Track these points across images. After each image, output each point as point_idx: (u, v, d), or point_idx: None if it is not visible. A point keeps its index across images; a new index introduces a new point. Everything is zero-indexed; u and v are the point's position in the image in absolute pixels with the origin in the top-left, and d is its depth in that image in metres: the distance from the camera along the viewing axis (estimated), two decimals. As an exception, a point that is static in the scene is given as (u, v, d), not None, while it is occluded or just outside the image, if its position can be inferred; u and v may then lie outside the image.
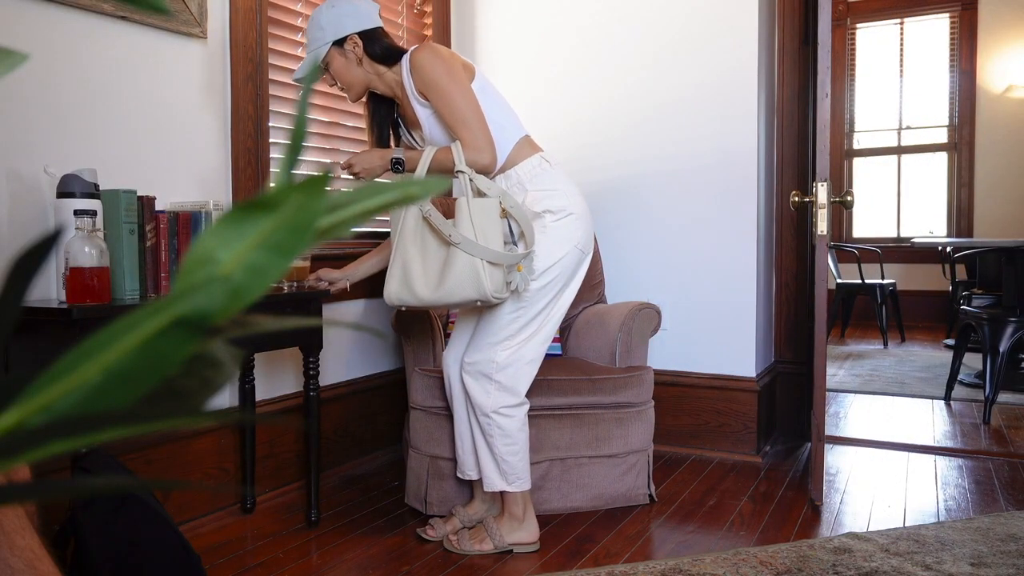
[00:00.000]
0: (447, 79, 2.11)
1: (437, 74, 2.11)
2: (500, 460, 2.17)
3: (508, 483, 2.18)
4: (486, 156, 2.10)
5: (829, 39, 2.48)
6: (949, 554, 2.08)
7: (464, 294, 2.00)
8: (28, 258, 0.32)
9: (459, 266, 1.99)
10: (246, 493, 2.50)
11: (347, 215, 0.35)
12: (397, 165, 2.20)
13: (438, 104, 2.13)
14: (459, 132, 2.10)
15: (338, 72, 2.21)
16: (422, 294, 2.03)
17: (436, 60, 2.13)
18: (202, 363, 0.34)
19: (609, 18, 3.28)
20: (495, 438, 2.17)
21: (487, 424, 2.17)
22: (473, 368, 2.16)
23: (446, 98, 2.11)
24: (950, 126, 7.11)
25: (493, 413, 2.16)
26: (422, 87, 2.15)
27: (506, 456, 2.17)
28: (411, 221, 2.05)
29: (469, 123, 2.10)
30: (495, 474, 2.18)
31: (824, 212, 2.46)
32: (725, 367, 3.11)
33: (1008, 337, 3.56)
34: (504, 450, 2.17)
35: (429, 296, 2.02)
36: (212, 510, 2.40)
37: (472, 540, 2.17)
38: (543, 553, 2.16)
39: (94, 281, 1.78)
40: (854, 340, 6.39)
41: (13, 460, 0.29)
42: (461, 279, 1.98)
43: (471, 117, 2.10)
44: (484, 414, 2.16)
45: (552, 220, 2.17)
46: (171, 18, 2.26)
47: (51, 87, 1.98)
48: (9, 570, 1.11)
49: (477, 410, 2.17)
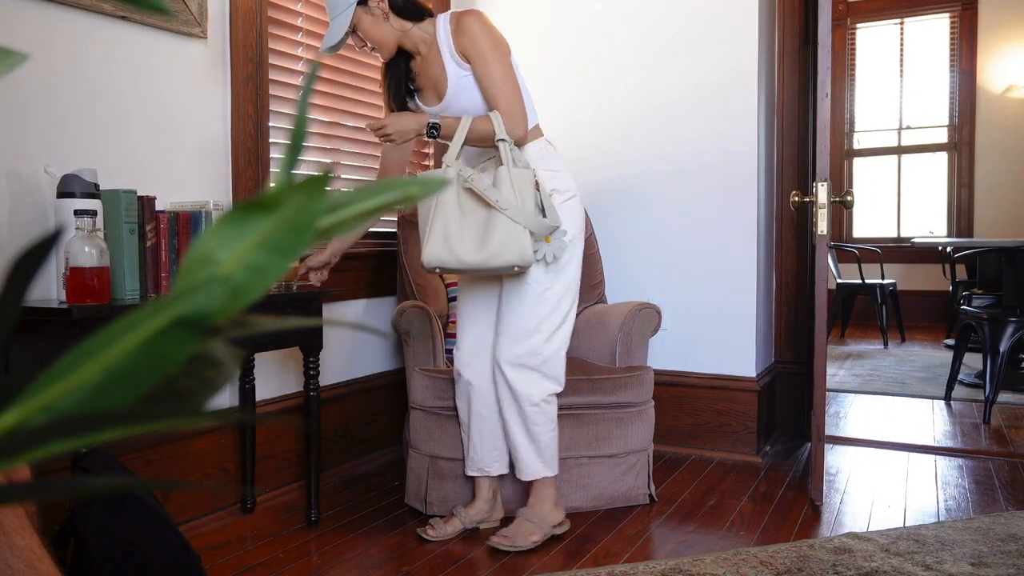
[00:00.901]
0: (497, 48, 2.15)
1: (490, 40, 2.15)
2: (543, 447, 2.24)
3: (549, 468, 2.25)
4: (520, 129, 2.13)
5: (829, 39, 2.48)
6: (949, 554, 2.08)
7: (507, 258, 2.01)
8: (28, 258, 0.32)
9: (501, 231, 2.01)
10: (246, 493, 2.50)
11: (347, 215, 0.35)
12: (432, 130, 2.15)
13: (483, 70, 2.14)
14: (499, 101, 2.12)
15: (367, 32, 2.17)
16: (466, 258, 2.03)
17: (488, 27, 2.17)
18: (202, 363, 0.34)
19: (609, 18, 3.28)
20: (540, 426, 2.22)
21: (534, 413, 2.22)
22: (516, 360, 2.19)
23: (493, 66, 2.14)
24: (950, 126, 7.11)
25: (541, 402, 2.22)
26: (467, 49, 2.15)
27: (549, 442, 2.25)
28: (451, 187, 2.03)
29: (510, 95, 2.13)
30: (536, 462, 2.24)
31: (824, 212, 2.46)
32: (725, 367, 3.11)
33: (1008, 337, 3.56)
34: (547, 437, 2.24)
35: (472, 259, 2.03)
36: (212, 510, 2.40)
37: (523, 536, 2.17)
38: (543, 553, 2.16)
39: (94, 281, 1.78)
40: (854, 340, 6.39)
41: (13, 460, 0.29)
42: (506, 243, 2.01)
43: (512, 90, 2.14)
44: (532, 403, 2.21)
45: (559, 200, 2.20)
46: (171, 18, 2.26)
47: (51, 87, 1.98)
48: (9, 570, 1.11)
49: (523, 401, 2.20)
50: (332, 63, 2.92)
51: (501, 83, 2.13)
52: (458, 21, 2.17)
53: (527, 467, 2.25)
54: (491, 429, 2.29)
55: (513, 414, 2.23)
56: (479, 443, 2.29)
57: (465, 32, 2.15)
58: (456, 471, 2.42)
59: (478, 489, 2.34)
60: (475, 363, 2.28)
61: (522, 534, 2.17)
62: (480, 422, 2.29)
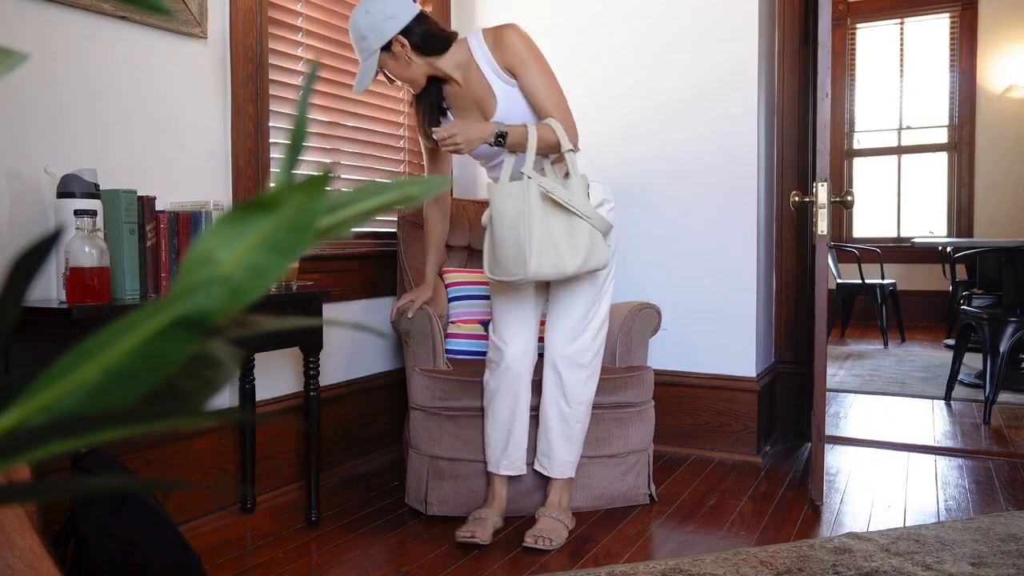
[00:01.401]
0: (540, 57, 2.22)
1: (533, 50, 2.21)
2: (578, 447, 2.31)
3: (575, 468, 2.33)
4: (576, 137, 2.19)
5: (829, 39, 2.48)
6: (949, 554, 2.08)
7: (595, 262, 2.11)
8: (28, 258, 0.32)
9: (586, 237, 2.09)
10: (246, 493, 2.50)
11: (347, 215, 0.35)
12: (500, 139, 2.13)
13: (531, 80, 2.18)
14: (554, 111, 2.16)
15: (395, 73, 2.25)
16: (568, 266, 2.08)
17: (528, 37, 2.22)
18: (202, 363, 0.34)
19: (609, 18, 3.28)
20: (580, 424, 2.29)
21: (581, 412, 2.28)
22: (572, 359, 2.25)
23: (540, 75, 2.19)
24: (950, 126, 7.11)
25: (588, 400, 2.29)
26: (512, 62, 2.19)
27: (581, 443, 2.33)
28: (535, 198, 2.06)
29: (561, 104, 2.19)
30: (569, 461, 2.30)
31: (824, 212, 2.46)
32: (725, 367, 3.11)
33: (1008, 337, 3.56)
34: (583, 437, 2.33)
35: (572, 267, 2.08)
36: (212, 510, 2.40)
37: (557, 533, 2.19)
38: (543, 553, 2.16)
39: (94, 281, 1.78)
40: (854, 340, 6.39)
41: (13, 460, 0.29)
42: (594, 248, 2.10)
43: (561, 98, 2.20)
44: (580, 402, 2.27)
45: (606, 209, 2.29)
46: (171, 18, 2.26)
47: (51, 87, 1.98)
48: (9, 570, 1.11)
49: (572, 400, 2.25)
50: (332, 63, 2.92)
51: (551, 92, 2.18)
52: (496, 37, 2.21)
53: (559, 465, 2.29)
54: (527, 429, 2.32)
55: (556, 412, 2.27)
56: (520, 442, 2.31)
57: (508, 46, 2.18)
58: (456, 471, 2.42)
59: (497, 487, 2.33)
60: (525, 365, 2.30)
61: (556, 532, 2.19)
62: (523, 421, 2.30)
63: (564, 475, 2.30)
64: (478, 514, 2.27)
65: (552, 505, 2.28)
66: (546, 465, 2.32)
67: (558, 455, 2.29)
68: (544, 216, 2.07)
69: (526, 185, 2.06)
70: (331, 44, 2.91)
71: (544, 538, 2.15)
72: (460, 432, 2.42)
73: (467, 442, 2.42)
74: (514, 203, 2.07)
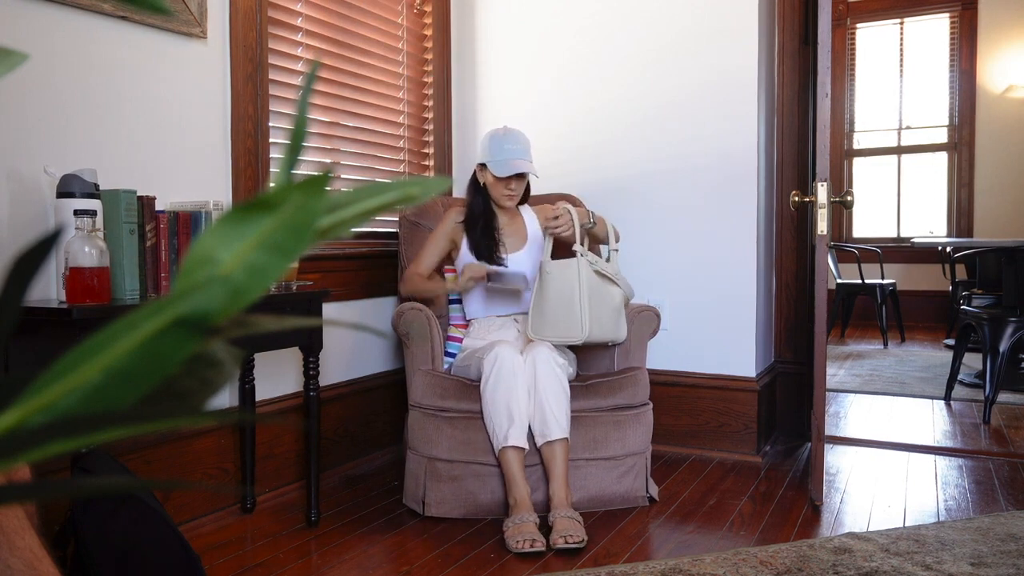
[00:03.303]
0: None
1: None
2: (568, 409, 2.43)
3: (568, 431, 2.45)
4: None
5: (829, 39, 2.48)
6: (949, 554, 2.08)
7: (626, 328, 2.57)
8: (28, 258, 0.32)
9: (618, 300, 2.52)
10: (246, 493, 2.50)
11: (347, 215, 0.35)
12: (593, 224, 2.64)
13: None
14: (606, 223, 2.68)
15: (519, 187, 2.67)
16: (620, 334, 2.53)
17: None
18: (202, 363, 0.34)
19: (609, 18, 3.28)
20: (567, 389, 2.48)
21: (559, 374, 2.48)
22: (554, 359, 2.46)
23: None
24: (950, 126, 7.11)
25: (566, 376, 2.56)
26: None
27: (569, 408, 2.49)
28: (587, 273, 2.45)
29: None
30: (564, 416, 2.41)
31: (824, 212, 2.46)
32: (725, 367, 3.11)
33: (1008, 337, 3.56)
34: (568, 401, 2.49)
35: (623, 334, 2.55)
36: (212, 510, 2.40)
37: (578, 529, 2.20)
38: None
39: (94, 281, 1.78)
40: (854, 340, 6.39)
41: (13, 460, 0.29)
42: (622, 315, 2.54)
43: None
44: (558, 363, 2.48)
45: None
46: (171, 18, 2.26)
47: (51, 87, 1.98)
48: (9, 570, 1.11)
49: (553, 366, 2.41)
50: (332, 63, 2.92)
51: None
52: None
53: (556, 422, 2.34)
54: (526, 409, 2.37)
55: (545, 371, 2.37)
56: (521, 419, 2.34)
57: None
58: (453, 472, 2.42)
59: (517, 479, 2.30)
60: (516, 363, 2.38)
61: (576, 529, 2.20)
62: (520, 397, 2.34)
63: (563, 433, 2.33)
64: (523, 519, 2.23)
65: (560, 504, 2.28)
66: (546, 433, 2.33)
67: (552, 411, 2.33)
68: (591, 286, 2.45)
69: (578, 261, 2.45)
70: (331, 44, 2.91)
71: (571, 536, 2.17)
72: (457, 434, 2.42)
73: (464, 444, 2.42)
74: (569, 276, 2.45)
